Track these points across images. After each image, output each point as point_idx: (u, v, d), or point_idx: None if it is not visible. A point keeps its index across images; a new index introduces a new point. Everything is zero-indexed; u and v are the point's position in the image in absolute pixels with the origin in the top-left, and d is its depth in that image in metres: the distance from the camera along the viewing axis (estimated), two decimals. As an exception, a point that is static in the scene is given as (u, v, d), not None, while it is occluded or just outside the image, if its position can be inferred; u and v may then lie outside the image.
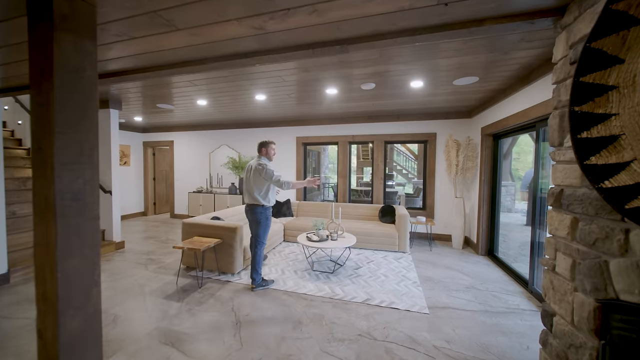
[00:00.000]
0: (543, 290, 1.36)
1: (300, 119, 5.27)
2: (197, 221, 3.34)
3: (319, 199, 9.20)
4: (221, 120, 5.52)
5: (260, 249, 2.85)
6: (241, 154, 5.92)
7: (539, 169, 2.80)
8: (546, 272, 1.34)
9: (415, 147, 10.63)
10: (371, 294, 2.74)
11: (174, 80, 3.05)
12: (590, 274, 1.04)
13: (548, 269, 1.33)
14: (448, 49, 2.20)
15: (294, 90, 3.44)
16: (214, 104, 4.21)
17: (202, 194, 5.91)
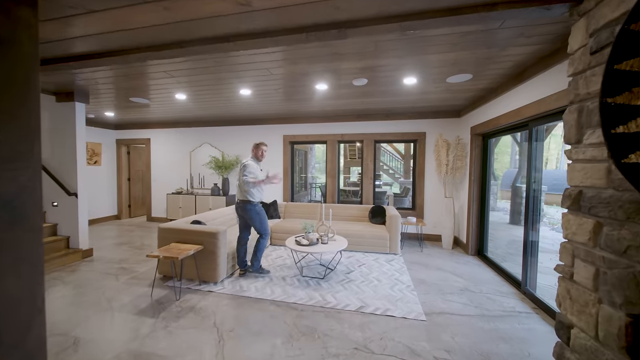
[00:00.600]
0: (557, 299, 1.26)
1: (288, 116, 5.06)
2: (174, 226, 3.05)
3: (306, 199, 9.02)
4: (203, 116, 5.19)
5: (264, 240, 3.14)
6: (225, 153, 5.61)
7: (532, 169, 2.77)
8: (562, 280, 1.24)
9: (401, 146, 10.70)
10: (365, 301, 2.59)
11: (149, 70, 2.75)
12: (622, 285, 0.93)
13: (564, 277, 1.23)
14: (445, 42, 2.09)
15: (281, 85, 3.23)
16: (195, 99, 3.91)
17: (182, 196, 5.54)
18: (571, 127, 1.20)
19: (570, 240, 1.20)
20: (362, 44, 2.13)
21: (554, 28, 1.88)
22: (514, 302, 2.63)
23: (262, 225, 3.08)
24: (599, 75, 1.05)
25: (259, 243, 3.13)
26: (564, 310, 1.22)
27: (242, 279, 3.05)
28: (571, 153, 1.20)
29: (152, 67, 2.66)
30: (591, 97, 1.10)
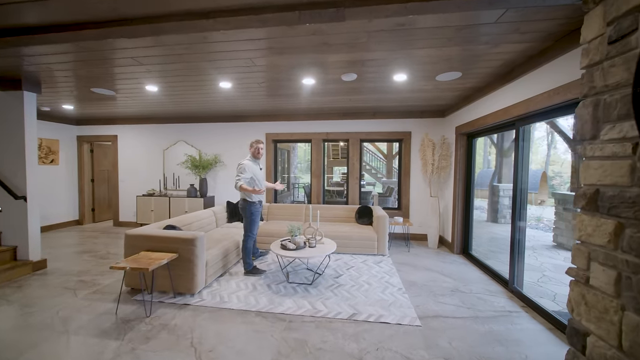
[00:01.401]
0: (569, 304, 1.19)
1: (271, 113, 4.82)
2: (144, 232, 2.72)
3: (289, 200, 8.78)
4: (177, 112, 4.79)
5: (248, 242, 3.12)
6: (202, 151, 5.24)
7: (519, 169, 2.79)
8: (575, 285, 1.17)
9: (384, 146, 10.80)
10: (357, 307, 2.45)
11: (114, 56, 2.41)
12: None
13: (577, 281, 1.16)
14: (440, 36, 2.01)
15: (265, 78, 3.00)
16: (168, 92, 3.56)
17: (155, 198, 5.09)
18: (585, 122, 1.13)
19: (584, 242, 1.13)
20: (354, 34, 1.98)
21: (548, 25, 1.85)
22: (504, 301, 2.63)
23: (249, 226, 3.10)
24: (620, 66, 0.99)
25: (245, 247, 3.13)
26: (577, 316, 1.15)
27: (222, 289, 2.79)
28: (585, 150, 1.13)
29: (117, 52, 2.33)
30: (609, 89, 1.03)
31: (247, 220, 3.08)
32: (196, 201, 4.91)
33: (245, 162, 3.03)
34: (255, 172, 3.05)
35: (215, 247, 3.09)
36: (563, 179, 14.54)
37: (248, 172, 2.97)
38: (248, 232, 3.11)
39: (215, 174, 5.24)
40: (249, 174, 2.98)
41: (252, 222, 3.08)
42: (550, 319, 2.27)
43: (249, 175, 2.97)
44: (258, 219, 3.11)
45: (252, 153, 3.12)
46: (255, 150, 3.09)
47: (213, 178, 5.26)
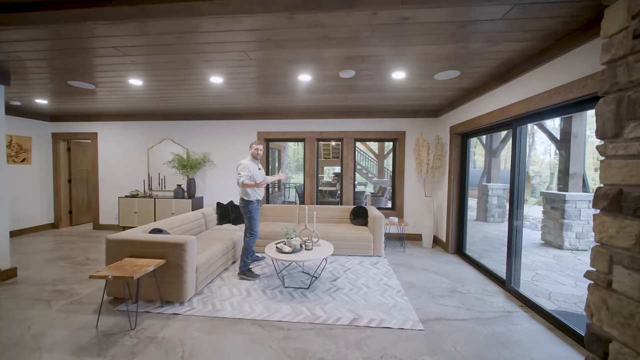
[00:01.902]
0: (588, 309, 1.15)
1: (264, 111, 4.66)
2: (128, 237, 2.52)
3: (280, 200, 8.61)
4: (164, 109, 4.55)
5: (250, 240, 3.13)
6: (190, 150, 5.01)
7: (516, 168, 2.79)
8: (595, 288, 1.13)
9: (375, 146, 10.82)
10: (357, 312, 2.37)
11: (94, 45, 2.21)
12: (690, 298, 0.81)
13: (598, 285, 1.12)
14: (444, 32, 1.95)
15: (259, 74, 2.86)
16: (154, 86, 3.34)
17: (138, 199, 4.81)
18: (607, 119, 1.09)
19: (605, 245, 1.09)
20: (357, 27, 1.89)
21: (552, 23, 1.83)
22: (502, 301, 2.62)
23: (249, 224, 3.13)
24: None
25: (246, 245, 3.13)
26: (598, 321, 1.11)
27: (214, 296, 2.63)
28: (606, 148, 1.09)
29: (97, 41, 2.13)
30: (634, 85, 0.99)
31: (246, 219, 3.15)
32: (184, 202, 4.68)
33: (244, 161, 3.13)
34: (253, 170, 3.13)
35: (206, 251, 2.92)
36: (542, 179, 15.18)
37: (247, 171, 3.06)
38: (249, 230, 3.15)
39: (204, 174, 5.03)
40: (247, 171, 3.06)
41: (252, 220, 3.12)
42: (548, 318, 2.28)
43: (248, 173, 3.05)
44: (257, 217, 3.18)
45: (252, 154, 3.21)
46: (255, 151, 3.21)
47: (202, 178, 5.04)
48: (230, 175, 4.95)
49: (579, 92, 1.90)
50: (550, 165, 16.02)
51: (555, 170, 15.51)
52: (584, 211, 4.49)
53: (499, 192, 6.81)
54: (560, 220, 4.55)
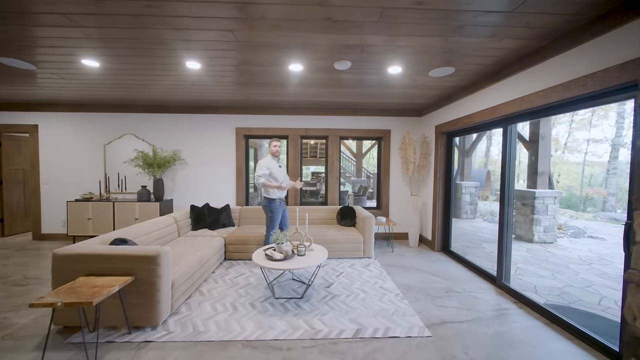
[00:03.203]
0: (629, 311, 1.09)
1: (244, 105, 4.29)
2: (84, 250, 2.05)
3: (256, 201, 8.15)
4: (126, 98, 3.95)
5: (270, 239, 3.16)
6: (157, 147, 4.44)
7: (506, 167, 2.84)
8: (636, 290, 1.07)
9: (353, 145, 10.83)
10: (359, 322, 2.19)
11: (32, 8, 1.73)
12: None
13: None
14: (455, 22, 1.86)
15: (244, 60, 2.55)
16: (115, 69, 2.83)
17: (93, 203, 4.13)
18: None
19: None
20: (366, 10, 1.71)
21: (556, 21, 1.83)
22: (497, 298, 2.64)
23: (270, 222, 3.19)
24: None
25: (266, 239, 3.21)
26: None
27: (194, 314, 2.27)
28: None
29: (40, 3, 1.67)
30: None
31: (268, 218, 3.21)
32: (150, 206, 4.11)
33: (264, 160, 3.12)
34: (274, 169, 3.10)
35: (182, 262, 2.53)
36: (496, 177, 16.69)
37: (265, 169, 3.04)
38: (269, 229, 3.18)
39: (174, 174, 4.49)
40: (266, 170, 3.04)
41: (272, 220, 3.17)
42: (542, 313, 2.32)
43: (267, 172, 3.03)
44: (279, 217, 3.21)
45: (271, 152, 3.18)
46: (274, 148, 3.17)
47: (171, 178, 4.50)
48: (206, 174, 4.49)
49: (577, 90, 1.92)
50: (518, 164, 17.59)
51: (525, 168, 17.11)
52: (550, 207, 4.85)
53: (471, 190, 7.17)
54: (530, 216, 4.87)
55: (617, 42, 1.68)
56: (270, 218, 3.19)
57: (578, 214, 9.89)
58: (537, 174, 4.94)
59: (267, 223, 3.24)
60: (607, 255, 4.25)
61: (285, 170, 3.32)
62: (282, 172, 3.23)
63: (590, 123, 14.93)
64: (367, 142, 9.45)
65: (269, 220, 3.21)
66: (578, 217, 8.38)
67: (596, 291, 2.98)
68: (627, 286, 1.13)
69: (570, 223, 6.50)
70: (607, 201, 13.22)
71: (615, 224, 6.94)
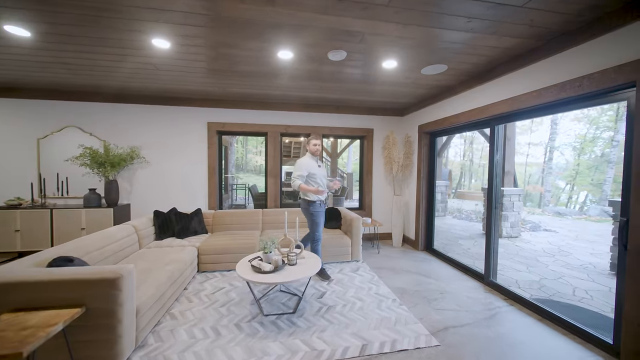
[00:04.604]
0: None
1: (217, 97, 3.83)
2: (8, 276, 1.53)
3: (227, 203, 7.56)
4: (68, 82, 3.25)
5: (317, 246, 2.97)
6: (109, 142, 3.76)
7: (494, 168, 2.89)
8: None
9: (328, 145, 10.67)
10: (363, 336, 2.00)
11: None
12: None
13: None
14: (465, 13, 1.76)
15: (224, 42, 2.19)
16: (53, 43, 2.25)
17: (22, 211, 3.33)
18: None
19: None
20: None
21: (557, 20, 1.83)
22: (488, 297, 2.65)
23: (312, 228, 2.97)
24: None
25: (316, 251, 2.97)
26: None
27: (166, 346, 1.87)
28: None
29: None
30: None
31: (309, 222, 2.98)
32: (101, 213, 3.45)
33: (302, 159, 2.93)
34: (312, 169, 2.88)
35: (148, 281, 2.09)
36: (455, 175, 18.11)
37: (303, 170, 2.82)
38: (312, 234, 2.97)
39: (132, 175, 3.85)
40: (304, 171, 2.82)
41: (314, 224, 2.94)
42: (532, 308, 2.37)
43: (304, 173, 2.81)
44: (321, 220, 2.95)
45: (310, 150, 2.97)
46: (313, 147, 2.93)
47: (128, 180, 3.85)
48: (172, 175, 3.93)
49: (572, 91, 1.97)
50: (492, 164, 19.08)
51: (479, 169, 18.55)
52: (516, 204, 5.22)
53: (442, 188, 7.50)
54: (499, 212, 5.18)
55: (615, 43, 1.73)
56: (312, 222, 2.93)
57: (531, 209, 11.07)
58: (504, 172, 5.27)
59: (310, 226, 2.98)
60: (564, 246, 4.69)
61: (325, 171, 3.01)
62: (321, 172, 2.95)
63: (530, 129, 16.90)
64: (343, 141, 9.39)
65: (311, 224, 2.95)
66: (531, 212, 9.33)
67: (567, 282, 3.20)
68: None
69: (527, 218, 7.16)
70: (544, 197, 15.07)
71: (560, 217, 7.83)
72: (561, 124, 15.14)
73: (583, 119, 13.85)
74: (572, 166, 15.07)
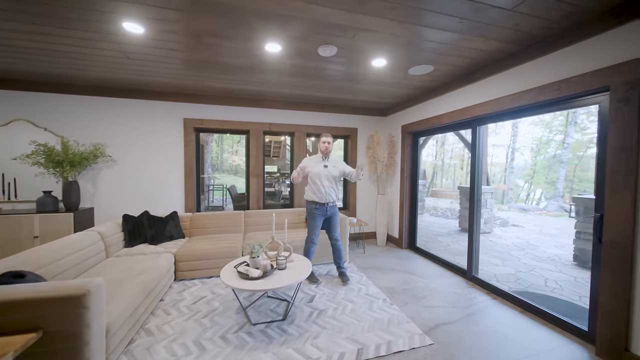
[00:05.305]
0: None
1: (194, 92, 3.57)
2: (-61, 301, 1.25)
3: (203, 205, 7.16)
4: (16, 69, 2.83)
5: (309, 247, 2.89)
6: (69, 139, 3.34)
7: (476, 168, 3.00)
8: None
9: (309, 145, 10.57)
10: (357, 339, 1.94)
11: None
12: None
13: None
14: (458, 14, 1.77)
15: (206, 29, 2.02)
16: (1, 22, 1.92)
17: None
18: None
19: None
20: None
21: (539, 25, 1.92)
22: (472, 291, 2.74)
23: (309, 229, 2.92)
24: None
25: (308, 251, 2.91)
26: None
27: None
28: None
29: None
30: None
31: (308, 221, 2.95)
32: (58, 218, 3.05)
33: (306, 158, 2.96)
34: (311, 166, 2.85)
35: (119, 296, 1.85)
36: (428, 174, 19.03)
37: (303, 164, 2.87)
38: (308, 234, 2.93)
39: (97, 175, 3.46)
40: (304, 167, 2.85)
41: (308, 226, 2.90)
42: (512, 300, 2.49)
43: (301, 166, 2.87)
44: (315, 222, 2.86)
45: (319, 148, 2.88)
46: (321, 145, 2.85)
47: (91, 181, 3.45)
48: (144, 176, 3.59)
49: (551, 94, 2.08)
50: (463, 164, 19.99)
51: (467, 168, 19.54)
52: (489, 201, 5.53)
53: (420, 187, 7.76)
54: (481, 210, 5.44)
55: (591, 50, 1.84)
56: (308, 224, 2.85)
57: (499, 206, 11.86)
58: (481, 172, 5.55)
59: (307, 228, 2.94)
60: (531, 240, 5.05)
61: (332, 172, 2.81)
62: (325, 172, 2.79)
63: (495, 131, 18.21)
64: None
65: (307, 225, 2.90)
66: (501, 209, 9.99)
67: (539, 274, 3.43)
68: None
69: (497, 214, 7.64)
70: (507, 194, 16.33)
71: (525, 213, 8.48)
72: (521, 127, 16.48)
73: (539, 123, 15.22)
74: (530, 166, 16.51)
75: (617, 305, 1.70)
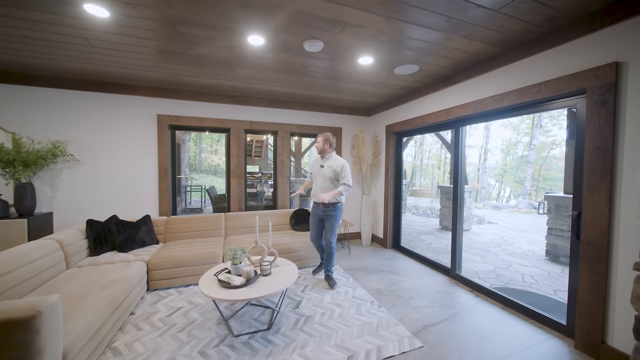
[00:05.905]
0: (637, 300, 1.14)
1: (169, 86, 3.32)
2: None
3: (180, 207, 6.78)
4: (-51, 54, 2.44)
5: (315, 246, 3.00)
6: (22, 135, 2.97)
7: (458, 166, 3.05)
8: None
9: (292, 144, 10.42)
10: (347, 346, 1.87)
11: None
12: None
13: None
14: (445, 12, 1.76)
15: (181, 16, 1.85)
16: None
17: None
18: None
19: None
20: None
21: (521, 28, 1.95)
22: (456, 290, 2.78)
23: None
24: None
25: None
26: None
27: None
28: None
29: None
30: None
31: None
32: (8, 225, 2.68)
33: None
34: (313, 165, 2.94)
35: (80, 312, 1.64)
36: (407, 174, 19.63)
37: (310, 169, 2.90)
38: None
39: (56, 176, 3.11)
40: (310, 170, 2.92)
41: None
42: (494, 297, 2.55)
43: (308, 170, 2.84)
44: (311, 221, 2.90)
45: (331, 146, 2.86)
46: (317, 144, 2.82)
47: (50, 183, 3.09)
48: (111, 176, 3.28)
49: (532, 96, 2.13)
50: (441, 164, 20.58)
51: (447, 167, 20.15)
52: (467, 200, 5.72)
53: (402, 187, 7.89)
54: (463, 209, 5.61)
55: (569, 53, 1.91)
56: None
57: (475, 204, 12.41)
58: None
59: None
60: (506, 237, 5.29)
61: (328, 172, 2.75)
62: (320, 172, 2.81)
63: (469, 133, 19.14)
64: (306, 140, 9.25)
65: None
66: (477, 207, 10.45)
67: (516, 270, 3.57)
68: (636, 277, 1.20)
69: (474, 212, 7.96)
70: (480, 193, 17.21)
71: (498, 210, 8.92)
72: (492, 130, 17.42)
73: (508, 126, 16.19)
74: (500, 166, 17.51)
75: (594, 300, 1.77)
